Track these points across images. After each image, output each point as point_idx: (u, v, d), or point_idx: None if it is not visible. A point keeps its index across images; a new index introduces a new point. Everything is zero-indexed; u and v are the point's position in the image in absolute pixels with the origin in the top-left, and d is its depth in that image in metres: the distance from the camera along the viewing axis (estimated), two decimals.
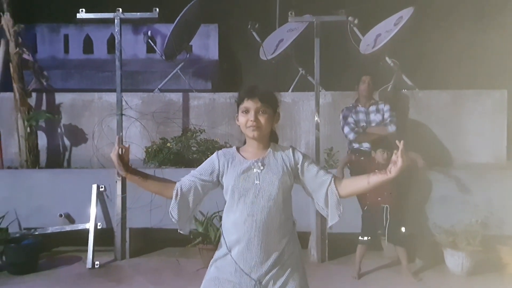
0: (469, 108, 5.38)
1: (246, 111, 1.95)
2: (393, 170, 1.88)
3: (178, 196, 1.98)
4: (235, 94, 6.00)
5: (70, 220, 4.76)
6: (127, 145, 2.03)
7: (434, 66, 5.79)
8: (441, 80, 5.54)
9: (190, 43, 6.35)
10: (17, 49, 5.33)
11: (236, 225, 1.93)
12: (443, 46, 5.97)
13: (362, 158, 4.33)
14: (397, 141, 1.90)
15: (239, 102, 1.99)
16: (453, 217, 4.36)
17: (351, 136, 4.50)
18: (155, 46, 6.98)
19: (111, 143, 5.51)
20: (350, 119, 4.57)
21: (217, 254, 2.01)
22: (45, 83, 5.83)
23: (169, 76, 6.11)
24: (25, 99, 5.43)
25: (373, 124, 4.56)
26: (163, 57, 6.12)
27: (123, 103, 5.07)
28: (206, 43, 8.95)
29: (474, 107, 5.37)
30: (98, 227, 4.65)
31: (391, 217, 4.04)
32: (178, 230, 2.05)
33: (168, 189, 2.00)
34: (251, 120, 1.92)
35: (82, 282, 4.07)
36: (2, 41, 5.42)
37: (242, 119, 1.96)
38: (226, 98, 5.72)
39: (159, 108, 5.65)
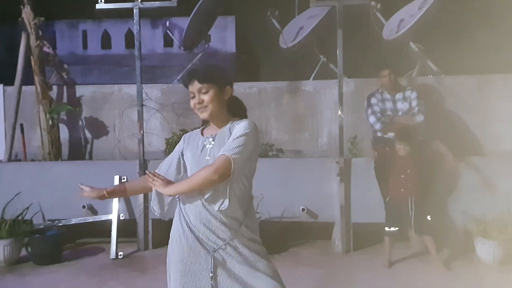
0: (496, 93, 5.17)
1: (193, 96, 1.98)
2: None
3: (156, 190, 2.02)
4: (255, 83, 5.96)
5: (93, 211, 4.76)
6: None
7: (460, 50, 5.61)
8: (468, 65, 5.35)
9: (208, 33, 6.29)
10: (38, 42, 5.36)
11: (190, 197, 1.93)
12: (469, 30, 5.78)
13: (388, 148, 4.20)
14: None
15: (187, 89, 2.02)
16: (483, 206, 4.22)
17: (378, 126, 4.34)
18: (173, 38, 6.96)
19: (132, 134, 5.51)
20: (376, 108, 4.39)
21: (174, 226, 2.02)
22: (65, 76, 5.85)
23: (188, 66, 6.06)
24: (46, 92, 5.46)
25: (400, 113, 4.38)
26: (182, 48, 6.09)
27: (143, 94, 5.06)
28: (223, 36, 8.90)
29: (502, 92, 5.16)
30: (121, 218, 4.65)
31: (416, 207, 3.92)
32: (162, 219, 2.12)
33: (149, 184, 2.02)
34: (196, 103, 1.97)
35: (106, 272, 4.07)
36: (23, 35, 5.44)
37: (191, 103, 2.00)
38: (245, 88, 5.66)
39: (178, 100, 5.61)
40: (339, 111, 4.69)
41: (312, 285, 3.64)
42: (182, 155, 2.07)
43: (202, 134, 2.05)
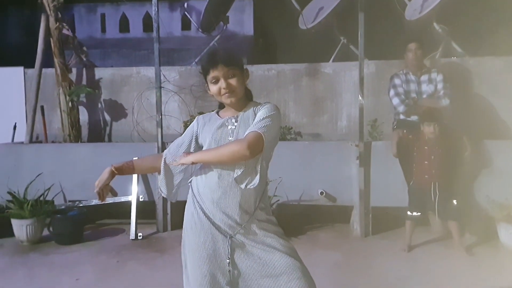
0: None
1: (216, 81, 1.88)
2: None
3: (164, 170, 1.99)
4: (273, 66, 5.86)
5: (113, 192, 4.77)
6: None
7: (485, 31, 5.42)
8: (494, 46, 5.17)
9: (226, 15, 6.22)
10: (57, 24, 5.37)
11: (210, 182, 1.87)
12: (495, 8, 5.56)
13: (411, 136, 4.10)
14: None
15: (205, 74, 1.92)
16: (508, 190, 4.10)
17: (401, 109, 4.23)
18: (191, 21, 6.91)
19: (150, 117, 5.53)
20: (400, 89, 4.27)
21: (187, 213, 1.97)
22: (84, 59, 5.87)
23: (206, 49, 6.02)
24: (66, 74, 5.49)
25: (424, 96, 4.26)
26: (200, 30, 6.04)
27: (161, 77, 5.04)
28: (240, 19, 8.78)
29: None
30: (140, 200, 4.69)
31: (440, 193, 3.85)
32: (168, 200, 2.09)
33: (158, 164, 2.01)
34: (224, 88, 1.87)
35: (126, 253, 4.12)
36: (43, 17, 5.46)
37: (213, 88, 1.90)
38: (264, 70, 5.60)
39: (197, 82, 5.58)
40: (360, 94, 4.60)
41: (330, 268, 3.62)
42: (196, 138, 2.01)
43: (219, 116, 1.99)
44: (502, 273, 3.48)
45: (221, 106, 2.03)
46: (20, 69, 5.85)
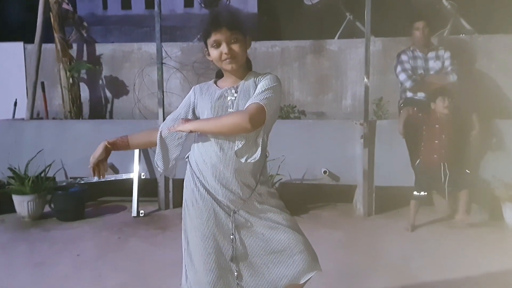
0: None
1: (217, 45, 1.77)
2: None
3: (161, 144, 1.91)
4: (277, 42, 5.76)
5: (114, 170, 4.77)
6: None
7: (495, 7, 5.27)
8: (503, 23, 5.04)
9: None
10: None
11: (210, 156, 1.80)
12: None
13: (420, 114, 4.02)
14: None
15: (205, 36, 1.80)
16: None
17: (408, 84, 4.16)
18: None
19: (152, 93, 5.45)
20: (407, 65, 4.20)
21: (187, 190, 1.91)
22: (85, 34, 5.77)
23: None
24: (66, 49, 5.40)
25: (431, 72, 4.19)
26: (203, 5, 5.92)
27: (163, 53, 4.94)
28: None
29: None
30: (142, 177, 4.66)
31: (451, 173, 3.79)
32: (166, 175, 1.98)
33: (154, 138, 1.94)
34: (225, 53, 1.76)
35: (127, 229, 4.11)
36: None
37: (214, 53, 1.79)
38: (267, 47, 5.49)
39: (199, 59, 5.47)
40: (365, 72, 4.50)
41: (333, 247, 3.60)
42: (194, 109, 1.91)
43: (217, 86, 1.89)
44: (506, 254, 3.45)
45: (219, 75, 1.93)
46: (20, 44, 5.75)
